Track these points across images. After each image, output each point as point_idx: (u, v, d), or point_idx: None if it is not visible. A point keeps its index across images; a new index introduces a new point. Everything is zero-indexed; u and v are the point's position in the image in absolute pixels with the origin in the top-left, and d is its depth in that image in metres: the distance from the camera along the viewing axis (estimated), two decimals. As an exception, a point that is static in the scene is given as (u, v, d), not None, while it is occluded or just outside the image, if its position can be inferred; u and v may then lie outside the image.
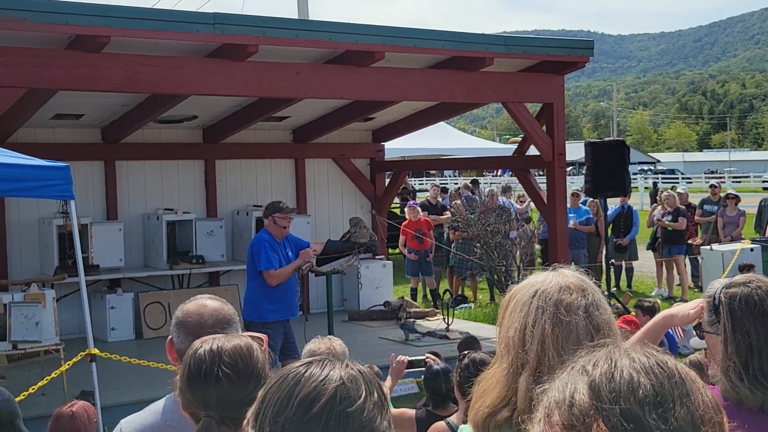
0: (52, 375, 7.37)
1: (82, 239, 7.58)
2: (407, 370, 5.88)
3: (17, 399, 6.96)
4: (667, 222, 15.20)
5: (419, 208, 14.94)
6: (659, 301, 9.91)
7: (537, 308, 2.13)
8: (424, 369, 5.68)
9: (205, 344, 2.22)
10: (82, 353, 7.27)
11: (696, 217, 16.16)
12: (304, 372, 1.45)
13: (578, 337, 2.08)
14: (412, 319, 12.41)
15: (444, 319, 11.56)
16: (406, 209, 15.24)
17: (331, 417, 1.39)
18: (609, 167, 11.72)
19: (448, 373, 5.57)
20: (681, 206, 15.58)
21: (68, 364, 7.66)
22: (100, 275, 11.32)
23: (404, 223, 14.83)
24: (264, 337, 2.36)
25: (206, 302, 2.76)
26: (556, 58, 10.71)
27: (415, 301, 14.37)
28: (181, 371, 2.23)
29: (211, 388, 2.13)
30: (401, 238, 14.77)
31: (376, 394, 1.45)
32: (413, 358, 5.78)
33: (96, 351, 7.23)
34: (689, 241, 15.74)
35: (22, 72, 7.79)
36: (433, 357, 5.81)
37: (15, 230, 11.38)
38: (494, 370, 2.20)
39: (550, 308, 2.11)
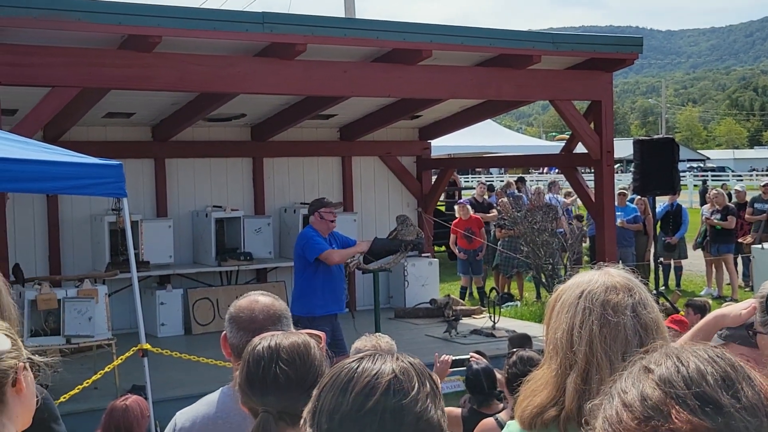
0: (105, 369, 7.51)
1: (132, 236, 7.70)
2: (451, 369, 5.90)
3: (70, 393, 7.13)
4: (715, 220, 15.01)
5: (470, 207, 14.97)
6: (710, 301, 9.80)
7: (584, 309, 2.13)
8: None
9: (263, 341, 2.27)
10: (134, 348, 7.39)
11: (746, 216, 15.93)
12: (356, 367, 1.48)
13: (626, 337, 2.09)
14: (455, 317, 12.41)
15: (490, 317, 11.54)
16: (456, 207, 15.25)
17: (386, 410, 1.42)
18: (657, 165, 11.60)
19: (489, 372, 5.58)
20: (730, 204, 15.36)
21: (120, 359, 7.79)
22: (150, 271, 11.49)
23: (455, 222, 14.87)
24: (322, 334, 2.40)
25: (258, 298, 2.83)
26: (604, 55, 10.63)
27: (464, 299, 14.36)
28: (240, 367, 2.29)
29: (269, 384, 2.18)
30: (452, 236, 14.82)
31: (428, 385, 1.48)
32: (457, 357, 5.80)
33: (148, 346, 7.35)
34: (739, 240, 15.53)
35: (77, 72, 7.95)
36: (476, 356, 5.82)
37: (68, 227, 11.59)
38: (543, 371, 2.21)
39: (597, 309, 2.11)
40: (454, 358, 5.85)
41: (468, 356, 5.80)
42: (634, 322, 2.11)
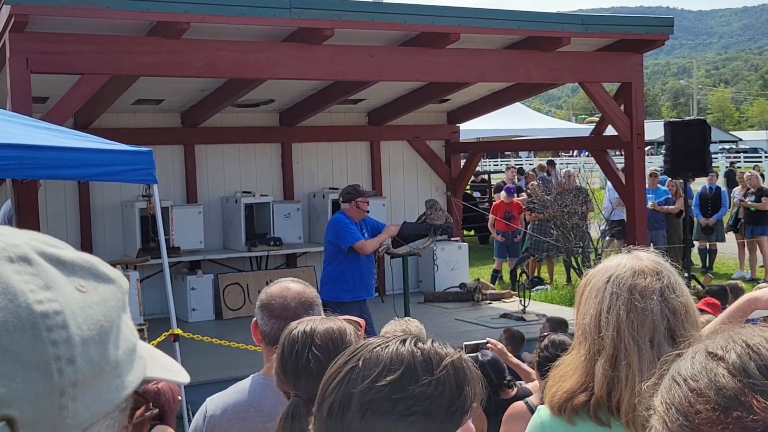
0: (137, 354, 7.56)
1: (163, 222, 7.75)
2: (469, 355, 5.89)
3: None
4: (749, 202, 14.84)
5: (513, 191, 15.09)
6: (740, 283, 9.70)
7: (611, 294, 2.11)
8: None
9: (300, 326, 2.28)
10: (165, 333, 7.45)
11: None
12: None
13: (653, 322, 2.07)
14: (488, 300, 12.40)
15: (520, 301, 11.51)
16: (502, 190, 15.27)
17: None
18: (689, 147, 11.49)
19: (495, 364, 5.60)
20: (764, 186, 15.18)
21: (152, 344, 7.82)
22: (180, 257, 11.56)
23: (495, 204, 14.91)
24: (361, 321, 2.41)
25: (289, 285, 2.83)
26: (634, 36, 10.52)
27: (495, 283, 14.34)
28: (277, 351, 2.30)
29: (301, 369, 2.19)
30: (490, 218, 14.85)
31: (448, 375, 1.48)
32: (472, 342, 5.80)
33: (179, 331, 7.40)
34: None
35: (106, 59, 7.99)
36: (493, 342, 5.83)
37: (99, 213, 11.69)
38: (572, 357, 2.20)
39: (624, 294, 2.09)
40: (467, 343, 5.87)
41: (485, 341, 5.80)
42: (661, 306, 2.08)
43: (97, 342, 0.83)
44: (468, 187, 20.28)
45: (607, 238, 14.14)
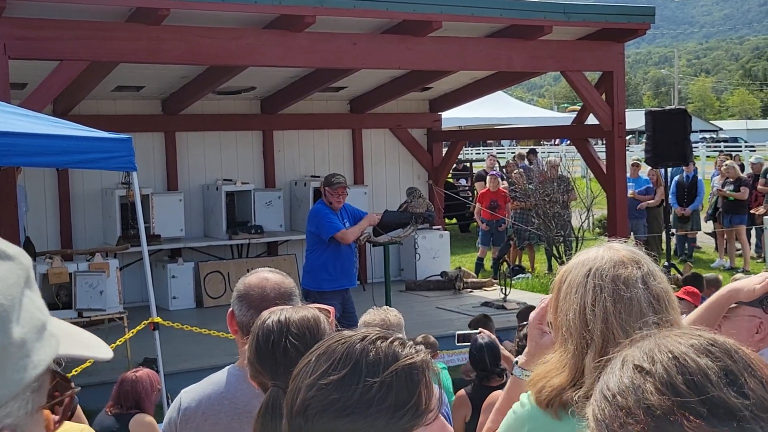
0: (117, 342, 7.54)
1: (143, 209, 7.71)
2: (460, 344, 5.92)
3: (82, 366, 7.16)
4: (728, 192, 14.93)
5: (500, 179, 15.01)
6: (719, 276, 9.75)
7: (594, 287, 2.09)
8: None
9: (273, 315, 2.26)
10: (145, 321, 7.42)
11: (759, 186, 15.84)
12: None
13: (641, 310, 2.06)
14: (469, 289, 12.43)
15: (501, 289, 11.54)
16: (488, 178, 15.27)
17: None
18: (670, 136, 11.53)
19: (492, 348, 5.61)
20: (743, 175, 15.26)
21: (132, 333, 7.82)
22: (161, 245, 11.51)
23: (481, 192, 14.93)
24: (331, 309, 2.39)
25: (268, 275, 2.80)
26: (616, 25, 10.54)
27: (479, 272, 14.36)
28: (249, 342, 2.27)
29: (279, 358, 2.17)
30: (476, 206, 14.87)
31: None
32: (464, 332, 5.82)
33: (159, 319, 7.37)
34: (752, 211, 15.45)
35: (85, 45, 7.92)
36: (485, 331, 5.85)
37: (79, 201, 11.61)
38: (558, 354, 2.16)
39: (609, 285, 2.07)
40: (460, 332, 5.88)
41: (478, 331, 5.81)
42: (646, 294, 2.08)
43: None
44: (450, 175, 20.29)
45: None
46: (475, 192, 17.88)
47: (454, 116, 16.88)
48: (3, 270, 0.84)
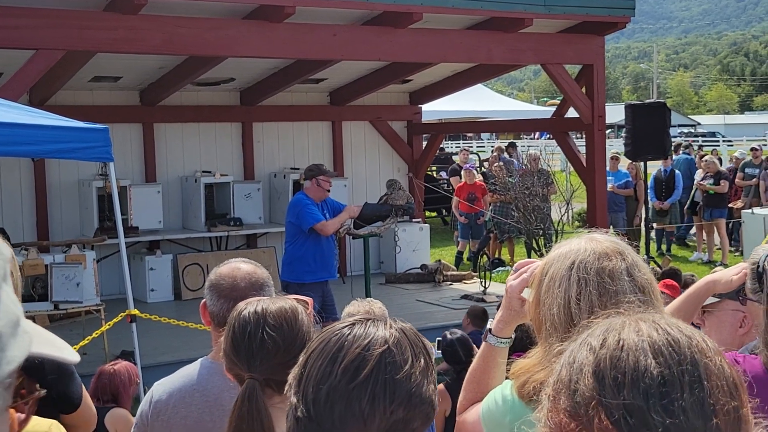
0: (93, 335, 7.47)
1: (121, 201, 7.65)
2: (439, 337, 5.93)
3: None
4: (708, 185, 14.99)
5: (475, 172, 14.99)
6: (695, 276, 9.79)
7: (579, 280, 2.03)
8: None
9: (249, 306, 2.21)
10: (122, 314, 7.35)
11: (737, 180, 15.93)
12: (347, 334, 1.40)
13: (627, 303, 2.03)
14: (449, 282, 12.41)
15: (481, 282, 11.53)
16: (462, 172, 15.26)
17: (377, 384, 1.35)
18: (649, 130, 11.55)
19: (464, 342, 5.63)
20: (722, 169, 15.33)
21: (108, 325, 7.75)
22: (139, 237, 11.42)
23: (459, 185, 14.91)
24: (309, 300, 2.35)
25: (240, 265, 2.77)
26: (596, 18, 10.55)
27: (458, 266, 14.35)
28: (225, 333, 2.23)
29: (256, 350, 2.12)
30: (454, 199, 14.85)
31: (422, 359, 1.41)
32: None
33: (136, 312, 7.31)
34: (730, 205, 15.53)
35: (61, 34, 7.82)
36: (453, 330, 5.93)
37: (55, 192, 11.49)
38: (542, 349, 2.09)
39: (593, 278, 2.02)
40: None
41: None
42: (632, 285, 2.04)
43: None
44: (432, 168, 20.27)
45: None
46: (452, 187, 17.89)
47: (434, 109, 16.87)
48: None
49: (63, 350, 0.94)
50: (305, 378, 1.39)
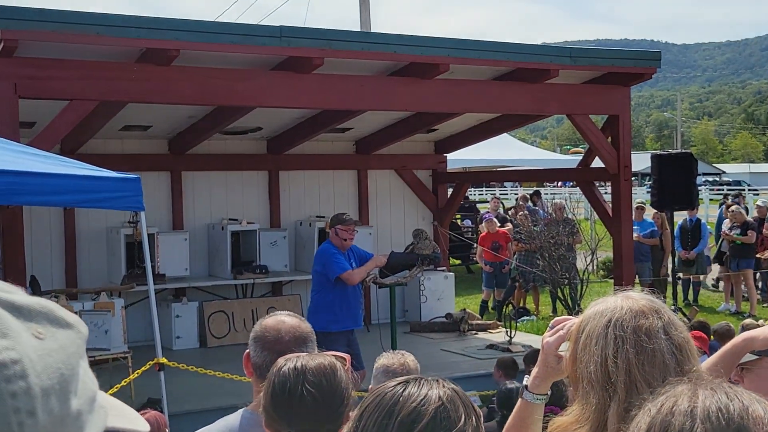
0: (122, 383, 7.49)
1: (149, 249, 7.69)
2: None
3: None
4: (735, 235, 14.90)
5: (496, 221, 14.99)
6: (731, 326, 9.69)
7: (615, 338, 2.04)
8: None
9: (289, 362, 2.24)
10: (150, 362, 7.38)
11: (765, 231, 15.82)
12: (402, 391, 1.44)
13: (663, 361, 2.03)
14: (474, 331, 12.36)
15: (506, 331, 11.48)
16: (483, 223, 15.27)
17: None
18: (676, 180, 11.53)
19: (518, 391, 5.60)
20: (749, 219, 15.24)
21: (137, 373, 7.77)
22: (165, 284, 11.48)
23: (482, 235, 14.90)
24: (347, 356, 2.37)
25: (284, 318, 2.80)
26: (622, 69, 10.58)
27: (484, 315, 14.30)
28: (264, 389, 2.25)
29: (295, 406, 2.14)
30: (478, 249, 14.83)
31: (473, 417, 1.44)
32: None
33: (165, 360, 7.33)
34: (757, 255, 15.41)
35: (95, 85, 7.96)
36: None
37: (84, 239, 11.61)
38: (579, 407, 2.10)
39: (630, 336, 2.03)
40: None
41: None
42: (669, 344, 2.05)
43: (58, 392, 0.79)
44: (457, 216, 20.28)
45: None
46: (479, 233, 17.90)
47: (458, 157, 16.93)
48: (64, 338, 0.83)
49: (134, 421, 0.97)
50: (360, 431, 1.42)
